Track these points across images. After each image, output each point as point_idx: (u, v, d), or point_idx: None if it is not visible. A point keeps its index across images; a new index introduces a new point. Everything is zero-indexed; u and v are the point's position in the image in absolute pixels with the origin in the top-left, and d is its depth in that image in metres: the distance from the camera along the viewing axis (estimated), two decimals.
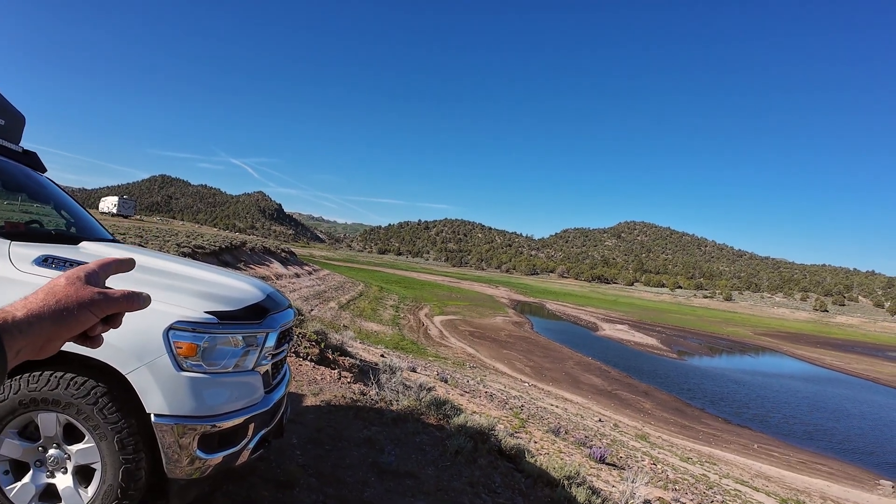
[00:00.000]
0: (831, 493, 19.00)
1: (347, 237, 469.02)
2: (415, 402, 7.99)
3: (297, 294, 42.38)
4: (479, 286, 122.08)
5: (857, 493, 19.69)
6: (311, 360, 9.36)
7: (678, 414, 28.30)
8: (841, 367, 57.93)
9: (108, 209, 74.17)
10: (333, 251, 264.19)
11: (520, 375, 31.29)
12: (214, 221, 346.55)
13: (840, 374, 53.62)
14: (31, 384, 2.86)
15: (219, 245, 38.57)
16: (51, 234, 4.06)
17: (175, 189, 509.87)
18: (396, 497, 4.94)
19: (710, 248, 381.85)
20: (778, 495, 16.72)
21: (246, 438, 3.25)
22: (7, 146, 4.25)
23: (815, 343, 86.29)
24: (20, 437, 2.98)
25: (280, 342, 3.60)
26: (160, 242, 29.77)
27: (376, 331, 38.89)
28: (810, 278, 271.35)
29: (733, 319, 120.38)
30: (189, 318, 2.94)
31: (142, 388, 2.87)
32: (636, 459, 15.45)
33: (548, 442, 13.29)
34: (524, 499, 6.01)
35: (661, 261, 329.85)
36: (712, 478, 16.35)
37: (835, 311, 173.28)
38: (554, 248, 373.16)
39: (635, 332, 64.23)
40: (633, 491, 8.79)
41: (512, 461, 7.39)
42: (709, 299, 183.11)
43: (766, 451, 23.54)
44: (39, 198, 4.45)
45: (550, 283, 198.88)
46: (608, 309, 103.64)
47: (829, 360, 63.81)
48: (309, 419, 6.30)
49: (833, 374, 52.55)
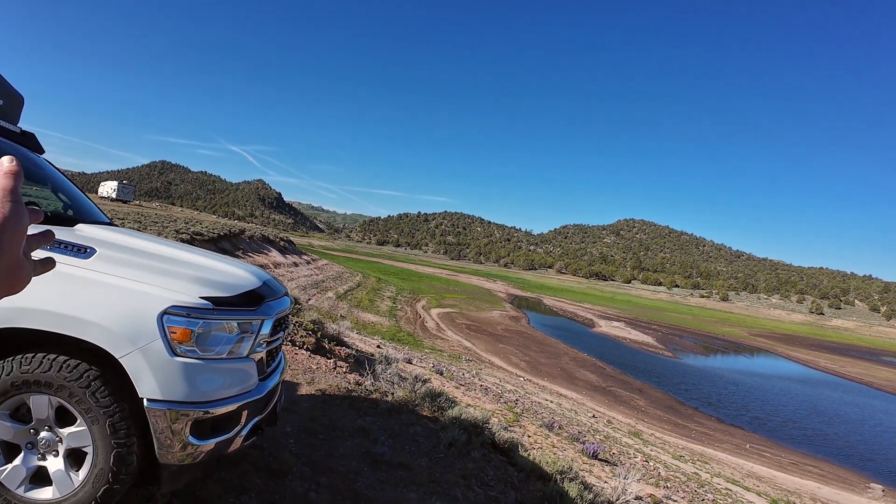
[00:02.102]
0: (821, 495, 19.07)
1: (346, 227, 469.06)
2: (410, 394, 7.98)
3: (295, 283, 42.36)
4: (477, 280, 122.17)
5: (847, 496, 19.76)
6: (307, 349, 9.35)
7: (672, 412, 28.37)
8: (835, 371, 58.09)
9: (107, 194, 73.91)
10: (332, 241, 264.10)
11: (515, 370, 31.33)
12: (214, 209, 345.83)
13: (834, 377, 53.75)
14: (24, 366, 2.84)
15: (217, 232, 38.49)
16: (47, 215, 4.03)
17: (175, 175, 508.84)
18: (388, 487, 4.94)
19: (709, 247, 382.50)
20: (769, 495, 16.77)
21: (239, 425, 3.24)
22: (5, 126, 4.21)
23: (809, 345, 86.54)
24: (12, 419, 2.96)
25: (276, 330, 3.59)
26: (158, 228, 29.68)
27: (373, 322, 38.89)
28: (807, 281, 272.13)
29: (729, 320, 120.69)
30: (184, 303, 2.92)
31: (135, 373, 2.85)
32: (629, 456, 15.48)
33: (541, 436, 13.30)
34: (516, 492, 6.01)
35: (659, 259, 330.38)
36: (704, 476, 16.39)
37: (830, 314, 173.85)
38: (553, 244, 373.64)
39: (631, 330, 64.35)
40: (625, 487, 8.80)
41: (505, 455, 7.40)
42: (705, 299, 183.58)
43: (758, 451, 23.61)
44: (37, 179, 4.41)
45: (548, 279, 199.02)
46: (605, 306, 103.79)
47: (824, 362, 63.99)
48: (303, 408, 6.30)
49: (827, 377, 52.68)
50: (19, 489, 2.94)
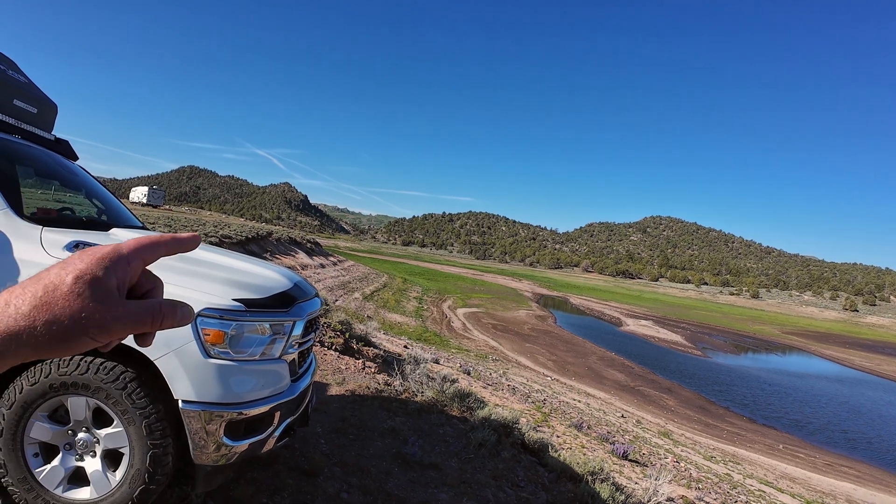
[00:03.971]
0: (857, 497, 18.64)
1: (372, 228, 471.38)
2: (438, 394, 7.98)
3: (322, 284, 42.67)
4: (503, 279, 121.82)
5: (885, 498, 19.27)
6: (335, 349, 9.41)
7: (702, 412, 27.97)
8: (871, 369, 56.70)
9: (138, 199, 75.50)
10: (358, 242, 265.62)
11: (542, 369, 31.17)
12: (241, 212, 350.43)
13: (870, 375, 52.49)
14: (62, 368, 2.89)
15: (245, 235, 38.98)
16: (82, 220, 4.10)
17: (203, 180, 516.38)
18: (419, 488, 4.93)
19: (738, 244, 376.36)
20: (803, 497, 16.44)
21: (272, 426, 3.26)
22: (40, 134, 4.30)
23: (844, 343, 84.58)
24: (50, 420, 3.01)
25: (307, 331, 3.60)
26: (188, 232, 30.11)
27: (400, 322, 39.01)
28: (840, 277, 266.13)
29: (760, 317, 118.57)
30: (217, 306, 2.95)
31: (170, 374, 2.89)
32: (659, 457, 15.30)
33: (570, 437, 13.21)
34: (547, 493, 5.97)
35: (686, 256, 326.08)
36: (736, 477, 16.13)
37: (865, 310, 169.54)
38: (578, 243, 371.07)
39: (660, 329, 63.59)
40: (657, 488, 8.69)
41: (535, 455, 7.35)
42: (735, 296, 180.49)
43: (791, 452, 23.16)
44: (71, 186, 4.50)
45: (574, 278, 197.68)
46: (632, 304, 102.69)
47: (859, 361, 62.51)
48: (333, 408, 6.33)
49: (862, 376, 51.43)
50: (58, 489, 2.99)
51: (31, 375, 2.90)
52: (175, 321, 0.63)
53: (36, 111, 4.29)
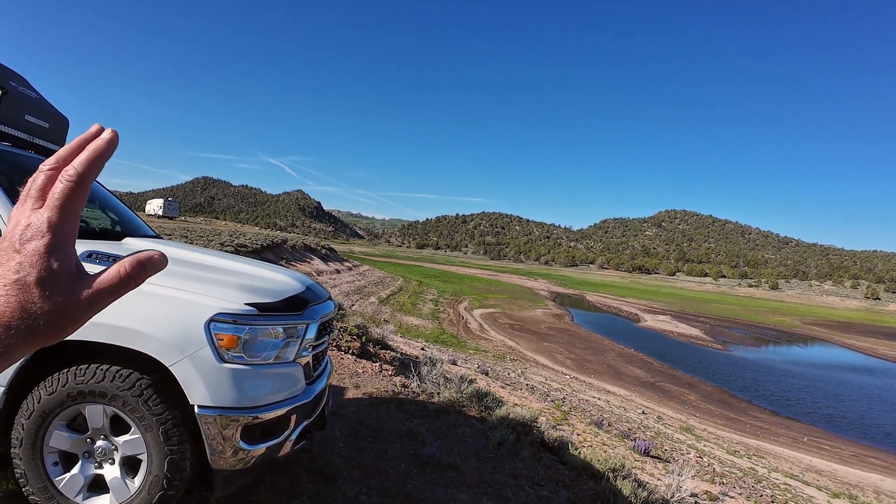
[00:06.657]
0: (885, 487, 18.37)
1: (386, 232, 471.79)
2: (456, 395, 7.96)
3: (338, 290, 42.84)
4: (518, 279, 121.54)
5: None
6: (352, 353, 9.43)
7: (724, 406, 27.72)
8: (895, 358, 55.89)
9: (154, 211, 76.30)
10: (372, 247, 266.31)
11: (561, 368, 31.07)
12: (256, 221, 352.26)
13: (894, 364, 51.75)
14: (79, 377, 2.92)
15: (261, 243, 39.24)
16: (94, 231, 4.14)
17: (217, 190, 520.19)
18: (439, 489, 4.92)
19: (755, 235, 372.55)
20: (829, 489, 16.23)
21: (288, 429, 3.27)
22: (52, 149, 4.35)
23: (866, 332, 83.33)
24: (69, 428, 3.04)
25: (320, 334, 3.61)
26: (204, 242, 30.43)
27: (416, 325, 39.06)
28: (861, 265, 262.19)
29: (780, 309, 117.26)
30: (230, 311, 2.96)
31: (185, 380, 2.90)
32: (681, 452, 15.18)
33: (590, 434, 13.15)
34: (568, 491, 5.93)
35: (703, 250, 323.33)
36: (760, 471, 15.96)
37: (887, 298, 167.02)
38: (593, 239, 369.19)
39: (678, 323, 63.11)
40: (680, 484, 8.61)
41: (555, 453, 7.32)
42: (754, 288, 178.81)
43: (816, 444, 22.88)
44: None
45: (590, 275, 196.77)
46: (650, 300, 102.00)
47: (883, 349, 61.58)
48: (351, 411, 6.34)
49: (887, 365, 50.70)
50: (78, 497, 3.01)
51: (48, 385, 2.93)
52: (151, 271, 0.58)
53: (48, 126, 4.34)
